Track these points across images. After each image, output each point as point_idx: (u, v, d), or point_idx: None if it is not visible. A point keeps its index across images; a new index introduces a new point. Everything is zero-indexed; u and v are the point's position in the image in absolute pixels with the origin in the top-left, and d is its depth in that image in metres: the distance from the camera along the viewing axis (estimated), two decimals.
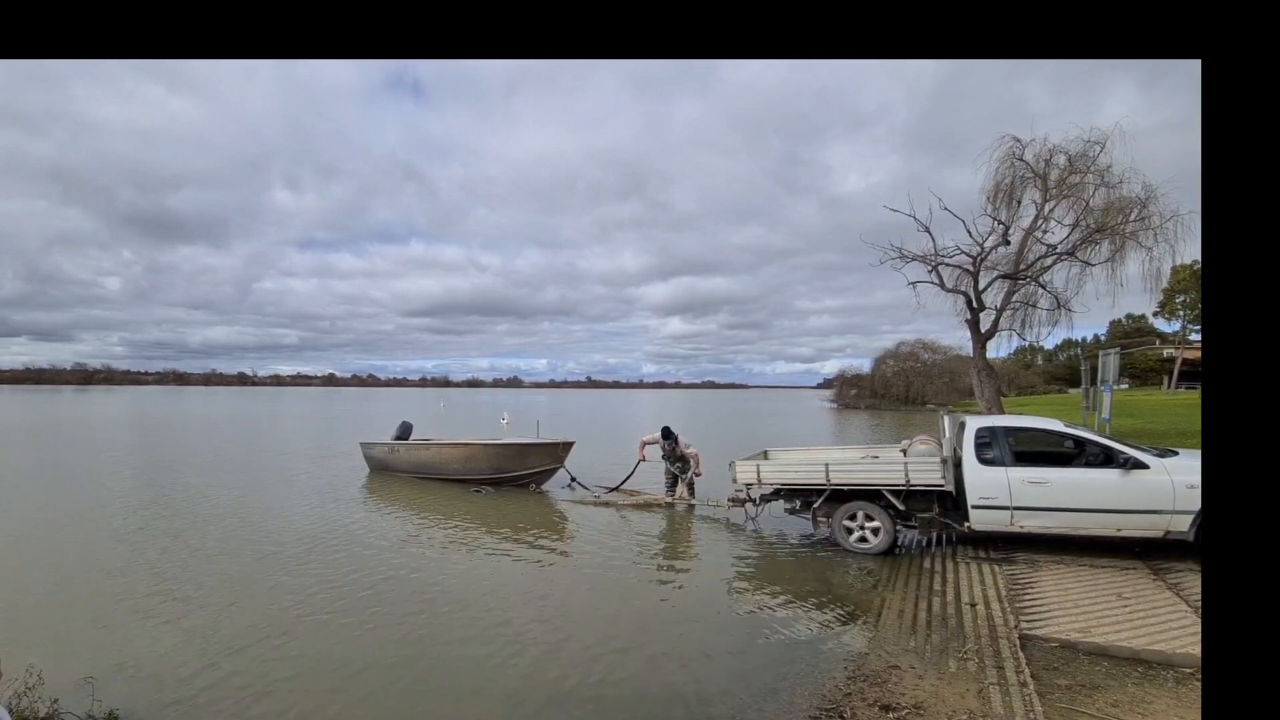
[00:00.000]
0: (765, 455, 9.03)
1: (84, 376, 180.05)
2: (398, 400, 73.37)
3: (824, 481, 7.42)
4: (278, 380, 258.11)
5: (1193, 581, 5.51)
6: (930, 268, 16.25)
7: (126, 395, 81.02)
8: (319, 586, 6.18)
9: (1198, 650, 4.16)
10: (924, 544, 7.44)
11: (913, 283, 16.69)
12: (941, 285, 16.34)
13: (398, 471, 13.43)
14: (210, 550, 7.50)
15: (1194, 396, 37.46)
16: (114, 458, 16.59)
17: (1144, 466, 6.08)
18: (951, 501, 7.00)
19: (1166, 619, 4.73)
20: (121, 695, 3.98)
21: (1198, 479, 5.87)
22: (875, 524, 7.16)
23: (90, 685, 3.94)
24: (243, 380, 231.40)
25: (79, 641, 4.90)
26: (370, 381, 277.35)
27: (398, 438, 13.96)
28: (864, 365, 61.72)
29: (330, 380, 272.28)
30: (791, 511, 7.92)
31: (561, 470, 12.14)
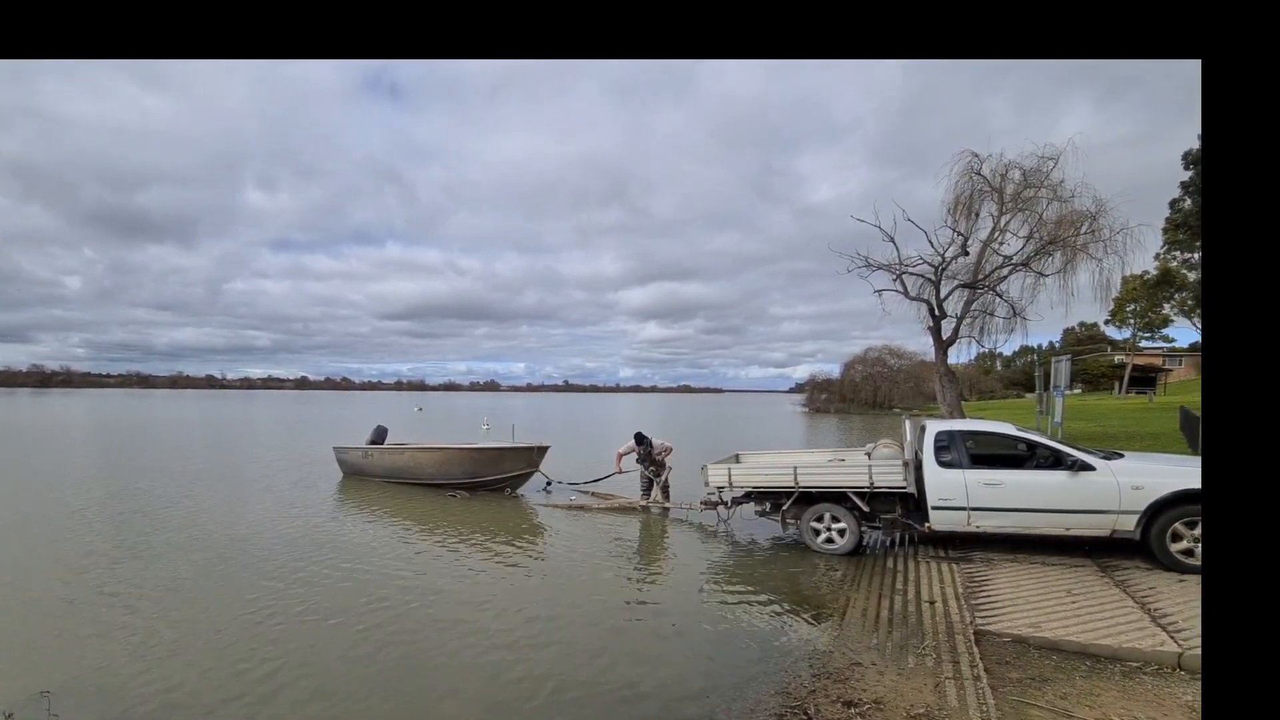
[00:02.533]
0: (737, 459, 9.12)
1: (41, 378, 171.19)
2: (373, 404, 71.99)
3: (792, 484, 7.52)
4: (248, 383, 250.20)
5: (1139, 579, 5.72)
6: (895, 276, 16.63)
7: (86, 398, 77.82)
8: (285, 598, 6.03)
9: (1144, 645, 4.30)
10: (887, 544, 7.59)
11: (879, 290, 17.05)
12: (905, 293, 16.73)
13: (372, 476, 13.20)
14: (174, 562, 7.26)
15: (1143, 401, 38.97)
16: (80, 464, 15.94)
17: (1091, 468, 6.30)
18: (913, 503, 7.15)
19: (1114, 615, 4.89)
20: (77, 709, 3.84)
21: (1142, 480, 6.09)
22: (841, 525, 7.28)
23: (46, 699, 3.80)
24: (211, 383, 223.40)
25: (36, 655, 4.70)
26: (344, 385, 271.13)
27: (372, 442, 13.73)
28: (834, 370, 62.74)
29: (303, 383, 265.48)
30: (762, 514, 7.99)
31: (538, 474, 12.08)
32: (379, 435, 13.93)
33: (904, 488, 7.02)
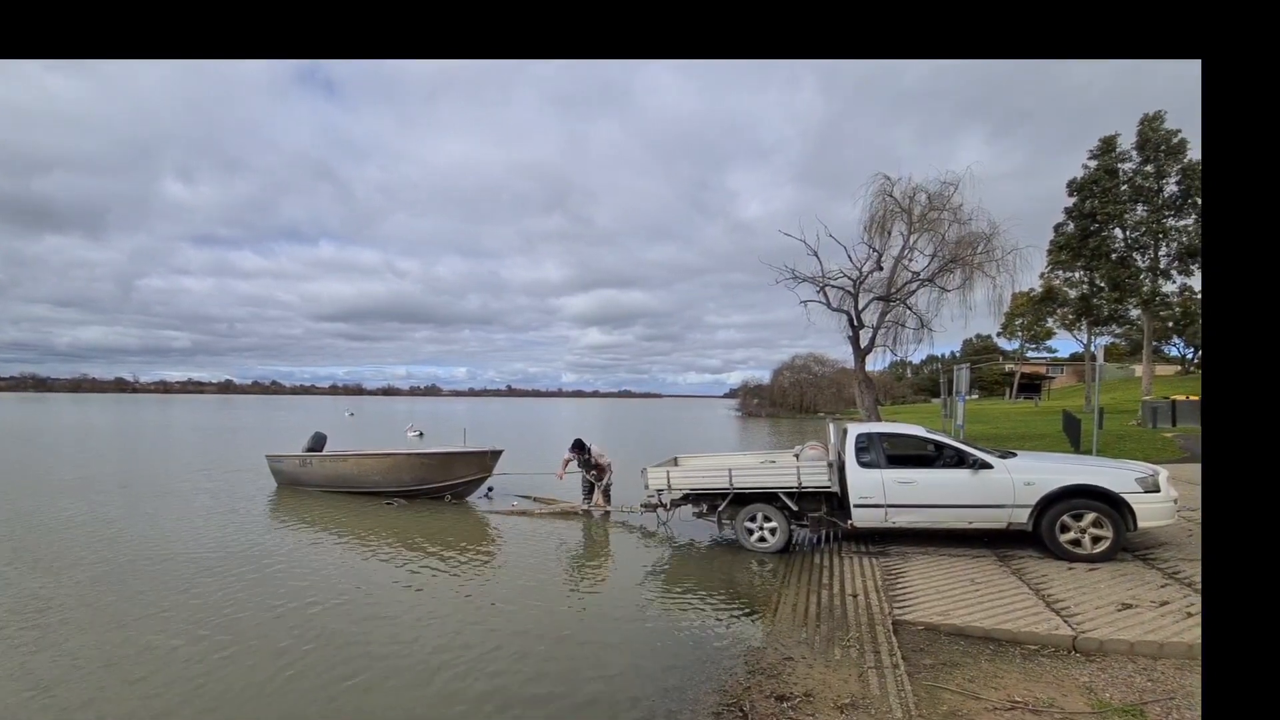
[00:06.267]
0: (675, 462, 9.17)
1: None
2: (302, 409, 67.78)
3: (727, 486, 7.63)
4: (165, 387, 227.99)
5: (1032, 567, 6.13)
6: (818, 289, 17.41)
7: None
8: (210, 623, 5.52)
9: (1040, 629, 4.58)
10: (815, 541, 7.82)
11: (804, 302, 17.77)
12: (828, 304, 17.51)
13: (310, 486, 12.33)
14: (83, 586, 6.51)
15: (1030, 405, 42.54)
16: None
17: (989, 467, 6.69)
18: (837, 501, 7.40)
19: (1011, 601, 5.21)
20: None
21: (1033, 477, 6.53)
22: (773, 524, 7.45)
23: None
24: (121, 387, 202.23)
25: None
26: (274, 389, 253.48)
27: (310, 449, 12.84)
28: (765, 376, 64.69)
29: (228, 387, 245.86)
30: (699, 515, 8.05)
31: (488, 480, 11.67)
32: (317, 442, 13.03)
33: (829, 487, 7.27)
